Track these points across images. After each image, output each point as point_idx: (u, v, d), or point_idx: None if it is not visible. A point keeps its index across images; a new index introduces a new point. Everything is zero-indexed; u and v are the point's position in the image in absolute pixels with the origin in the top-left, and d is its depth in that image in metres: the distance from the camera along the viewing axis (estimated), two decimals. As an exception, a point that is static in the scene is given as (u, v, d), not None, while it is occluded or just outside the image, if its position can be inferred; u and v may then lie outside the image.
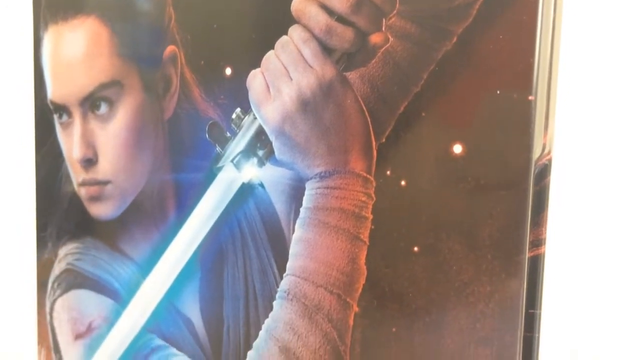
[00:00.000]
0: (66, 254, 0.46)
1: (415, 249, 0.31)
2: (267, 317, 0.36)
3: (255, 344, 0.37)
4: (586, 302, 0.38)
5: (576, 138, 0.37)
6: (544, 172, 0.30)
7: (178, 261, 0.40)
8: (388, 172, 0.31)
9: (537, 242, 0.30)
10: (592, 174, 0.37)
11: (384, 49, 0.31)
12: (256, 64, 0.35)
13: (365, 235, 0.32)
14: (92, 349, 0.45)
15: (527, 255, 0.29)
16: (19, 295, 0.54)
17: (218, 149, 0.37)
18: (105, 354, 0.44)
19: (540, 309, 0.30)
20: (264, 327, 0.36)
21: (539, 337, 0.31)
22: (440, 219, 0.30)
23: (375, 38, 0.31)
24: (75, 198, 0.45)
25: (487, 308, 0.29)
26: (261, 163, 0.36)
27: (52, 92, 0.44)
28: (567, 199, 0.36)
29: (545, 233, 0.30)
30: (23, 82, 0.48)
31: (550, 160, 0.30)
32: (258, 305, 0.36)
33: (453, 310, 0.30)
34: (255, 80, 0.35)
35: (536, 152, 0.28)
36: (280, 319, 0.35)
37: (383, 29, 0.31)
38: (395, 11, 0.30)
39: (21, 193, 0.52)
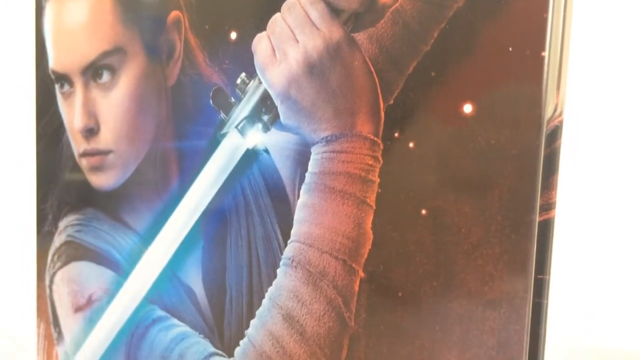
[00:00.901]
0: (66, 226, 0.45)
1: (423, 211, 0.30)
2: (270, 285, 0.35)
3: (258, 312, 0.36)
4: (596, 267, 0.37)
5: (588, 101, 0.36)
6: (555, 134, 0.30)
7: (180, 230, 0.39)
8: (396, 135, 0.31)
9: (547, 206, 0.30)
10: (604, 138, 0.36)
11: (393, 8, 0.30)
12: (262, 27, 0.34)
13: (371, 199, 0.32)
14: (92, 321, 0.44)
15: (537, 218, 0.29)
16: (19, 269, 0.53)
17: (222, 115, 0.37)
18: (106, 326, 0.44)
19: (549, 274, 0.30)
20: (267, 295, 0.36)
21: (547, 303, 0.30)
22: (449, 181, 0.29)
23: (384, -3, 0.31)
24: (76, 169, 0.44)
25: (495, 270, 0.28)
26: (266, 128, 0.35)
27: (54, 62, 0.44)
28: (578, 163, 0.36)
29: (555, 197, 0.30)
30: (24, 52, 0.47)
31: (561, 123, 0.30)
32: (261, 273, 0.36)
33: (461, 274, 0.29)
34: (260, 43, 0.34)
35: (548, 111, 0.27)
36: (284, 286, 0.35)
37: (392, -12, 0.30)
38: (405, -31, 0.29)
39: (21, 166, 0.52)
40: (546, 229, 0.30)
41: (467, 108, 0.28)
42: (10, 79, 0.53)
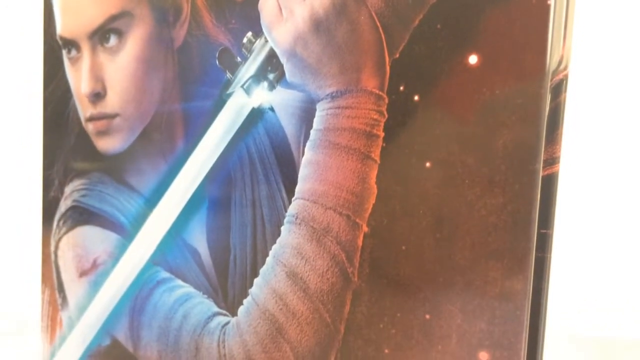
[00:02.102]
0: (72, 191, 0.46)
1: (427, 164, 0.30)
2: (274, 243, 0.36)
3: (262, 270, 0.36)
4: (599, 223, 0.37)
5: (594, 56, 0.36)
6: (559, 88, 0.30)
7: (186, 191, 0.39)
8: (401, 88, 0.31)
9: (551, 161, 0.30)
10: (609, 94, 0.36)
11: (399, -39, 0.30)
12: (269, -15, 0.34)
13: (376, 154, 0.32)
14: (96, 285, 0.45)
15: (541, 173, 0.29)
16: (24, 235, 0.53)
17: (228, 75, 0.37)
18: (110, 290, 0.44)
19: (552, 229, 0.30)
20: (271, 253, 0.36)
21: (550, 257, 0.30)
22: (453, 132, 0.29)
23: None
24: (82, 134, 0.45)
25: (499, 220, 0.28)
26: (272, 87, 0.35)
27: (62, 27, 0.44)
28: (582, 117, 0.36)
29: (559, 151, 0.30)
30: (32, 19, 0.47)
31: (566, 77, 0.30)
32: (266, 232, 0.36)
33: (464, 225, 0.29)
34: (267, 2, 0.35)
35: (553, 62, 0.27)
36: (287, 244, 0.35)
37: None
38: None
39: (28, 131, 0.52)
40: (550, 183, 0.30)
41: (472, 59, 0.29)
42: (18, 45, 0.53)
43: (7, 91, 0.53)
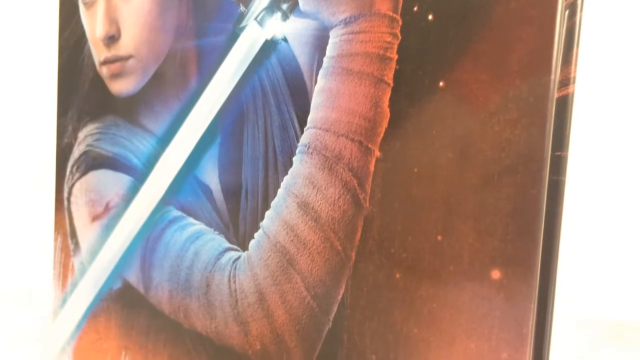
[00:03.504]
0: (86, 136, 0.46)
1: (441, 84, 0.30)
2: (286, 175, 0.36)
3: (273, 203, 0.36)
4: (614, 145, 0.37)
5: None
6: (574, 7, 0.29)
7: (198, 128, 0.39)
8: (415, 9, 0.31)
9: (566, 82, 0.29)
10: (626, 14, 0.36)
11: None
12: None
13: (389, 77, 0.32)
14: (108, 229, 0.45)
15: (556, 94, 0.29)
16: (38, 183, 0.54)
17: (241, 8, 0.37)
18: (122, 232, 0.44)
19: (567, 151, 0.30)
20: (282, 185, 0.36)
21: (565, 180, 0.30)
22: (467, 49, 0.29)
23: None
24: (96, 79, 0.45)
25: (513, 135, 0.28)
26: (285, 17, 0.35)
27: (77, -28, 0.44)
28: (598, 37, 0.35)
29: (574, 72, 0.29)
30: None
31: (582, -4, 0.29)
32: (277, 164, 0.36)
33: (477, 142, 0.29)
34: None
35: (569, -26, 0.27)
36: (299, 174, 0.35)
37: None
38: None
39: (43, 78, 0.52)
40: (564, 104, 0.29)
41: (487, -26, 0.28)
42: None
43: (22, 40, 0.53)
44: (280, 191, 0.36)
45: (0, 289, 0.55)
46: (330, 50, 0.34)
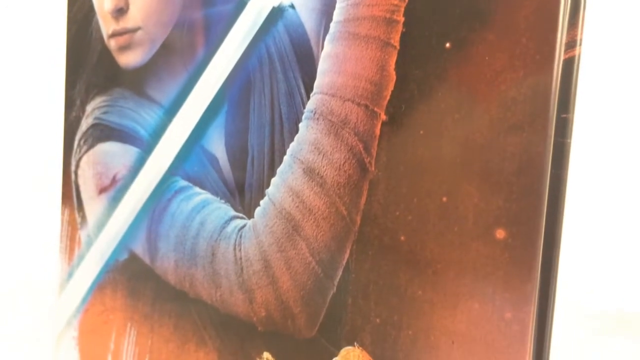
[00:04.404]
0: (94, 109, 0.46)
1: (447, 44, 0.30)
2: (292, 141, 0.36)
3: (279, 169, 0.36)
4: (620, 108, 0.37)
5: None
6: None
7: (205, 97, 0.40)
8: (422, -29, 0.31)
9: (572, 44, 0.29)
10: None
11: None
12: None
13: (395, 40, 0.32)
14: (115, 201, 0.45)
15: (563, 56, 0.29)
16: (45, 157, 0.54)
17: (249, -24, 0.37)
18: (129, 204, 0.44)
19: (573, 113, 0.30)
20: (288, 151, 0.36)
21: (570, 142, 0.30)
22: (474, 9, 0.29)
23: None
24: (104, 51, 0.45)
25: (518, 94, 0.28)
26: (292, -16, 0.36)
27: (87, -54, 0.45)
28: (604, 1, 0.35)
29: (581, 34, 0.29)
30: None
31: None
32: (284, 130, 0.36)
33: (483, 103, 0.29)
34: None
35: None
36: (305, 140, 0.35)
37: None
38: None
39: (51, 52, 0.53)
40: (570, 66, 0.29)
41: None
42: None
43: (31, 15, 0.54)
44: (286, 158, 0.36)
45: (6, 266, 0.56)
46: (337, 15, 0.34)
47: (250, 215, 0.38)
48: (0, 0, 0.57)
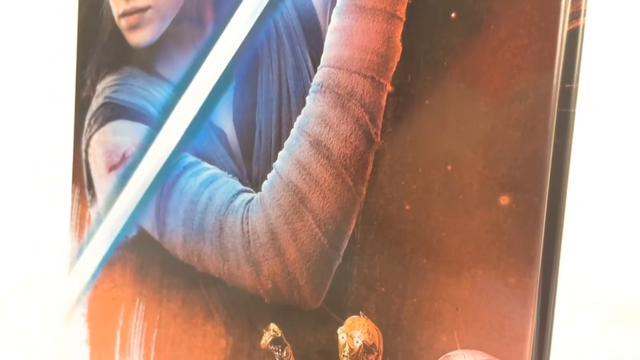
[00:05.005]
0: (104, 88, 0.47)
1: (453, 15, 0.30)
2: (299, 115, 0.36)
3: (286, 143, 0.37)
4: (625, 80, 0.37)
5: None
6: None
7: (214, 73, 0.40)
8: (428, -58, 0.31)
9: (576, 14, 0.30)
10: None
11: None
12: None
13: (402, 12, 0.32)
14: (125, 178, 0.46)
15: (567, 26, 0.29)
16: (56, 137, 0.55)
17: (258, -48, 0.38)
18: (139, 180, 0.45)
19: (577, 83, 0.30)
20: (295, 124, 0.36)
21: (574, 112, 0.30)
22: (479, -21, 0.30)
23: None
24: (115, 31, 0.46)
25: (523, 61, 0.29)
26: (300, -41, 0.36)
27: None
28: None
29: (585, 5, 0.30)
30: None
31: None
32: (291, 104, 0.37)
33: (488, 71, 0.30)
34: None
35: None
36: (312, 113, 0.36)
37: None
38: None
39: (62, 32, 0.53)
40: (575, 37, 0.30)
41: None
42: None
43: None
44: (293, 131, 0.36)
45: (16, 245, 0.57)
46: (344, -11, 0.34)
47: (257, 189, 0.38)
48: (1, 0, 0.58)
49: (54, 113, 0.54)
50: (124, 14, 0.45)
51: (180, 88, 0.42)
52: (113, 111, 0.46)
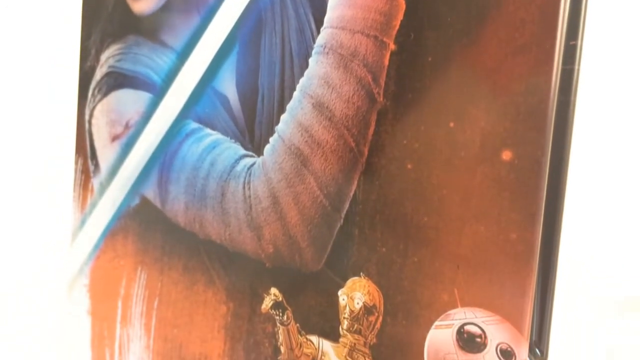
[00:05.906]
0: (108, 58, 0.47)
1: (456, -30, 0.30)
2: (302, 77, 0.36)
3: (288, 106, 0.37)
4: (630, 41, 0.37)
5: None
6: None
7: (217, 39, 0.40)
8: None
9: (582, -30, 0.29)
10: None
11: None
12: None
13: (405, -31, 0.32)
14: (128, 147, 0.46)
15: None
16: (60, 108, 0.55)
17: None
18: (141, 149, 0.45)
19: (581, 40, 0.30)
20: (298, 87, 0.36)
21: (579, 69, 0.30)
22: None
23: None
24: (119, 0, 0.46)
25: (527, 14, 0.28)
26: None
27: None
28: None
29: (591, -39, 0.29)
30: None
31: None
32: (294, 67, 0.37)
33: (492, 25, 0.29)
34: None
35: None
36: (315, 74, 0.35)
37: None
38: None
39: (67, 2, 0.54)
40: (579, -5, 0.29)
41: None
42: None
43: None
44: (295, 93, 0.36)
45: (18, 215, 0.57)
46: (347, -51, 0.34)
47: (259, 153, 0.38)
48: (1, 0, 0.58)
49: (57, 84, 0.54)
50: (128, -17, 0.45)
51: (183, 55, 0.42)
52: (117, 80, 0.46)
